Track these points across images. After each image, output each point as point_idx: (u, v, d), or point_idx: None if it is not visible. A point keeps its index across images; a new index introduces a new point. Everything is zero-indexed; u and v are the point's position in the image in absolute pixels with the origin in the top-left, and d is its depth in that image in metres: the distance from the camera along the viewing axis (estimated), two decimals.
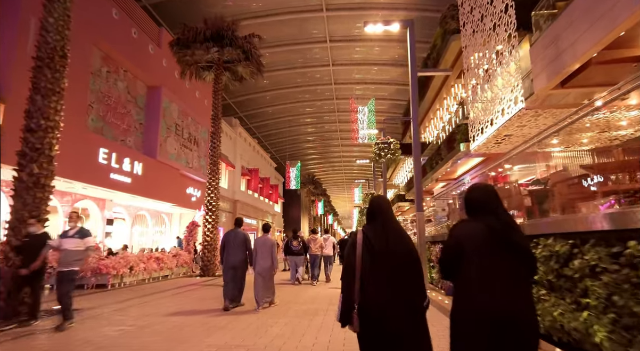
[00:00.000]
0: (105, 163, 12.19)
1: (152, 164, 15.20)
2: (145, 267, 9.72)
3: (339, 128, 40.98)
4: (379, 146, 8.70)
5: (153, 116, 15.64)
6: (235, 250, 6.67)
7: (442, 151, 16.66)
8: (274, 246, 6.86)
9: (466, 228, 2.03)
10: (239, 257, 6.69)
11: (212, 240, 12.17)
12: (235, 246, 6.69)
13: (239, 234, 6.84)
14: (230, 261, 6.65)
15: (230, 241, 6.75)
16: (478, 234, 1.94)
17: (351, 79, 30.24)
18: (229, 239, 6.78)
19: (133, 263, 9.17)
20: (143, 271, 9.72)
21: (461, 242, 1.97)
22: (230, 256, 6.67)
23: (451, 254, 2.02)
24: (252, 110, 33.64)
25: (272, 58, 26.35)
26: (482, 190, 2.16)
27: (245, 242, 6.82)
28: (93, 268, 8.19)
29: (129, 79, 14.57)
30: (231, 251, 6.68)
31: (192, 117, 19.02)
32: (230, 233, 6.90)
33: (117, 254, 9.75)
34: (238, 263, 6.68)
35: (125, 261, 8.95)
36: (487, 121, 11.70)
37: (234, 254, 6.66)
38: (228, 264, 6.65)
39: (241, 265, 6.73)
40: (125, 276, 9.11)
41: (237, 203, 28.19)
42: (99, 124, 12.76)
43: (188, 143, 18.54)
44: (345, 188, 71.34)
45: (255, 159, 34.66)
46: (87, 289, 8.42)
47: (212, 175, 12.39)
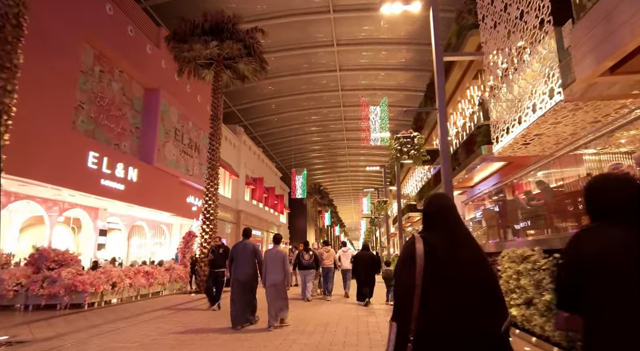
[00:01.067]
0: (96, 168, 11.22)
1: (148, 170, 14.23)
2: (131, 283, 8.59)
3: (346, 136, 40.05)
4: (401, 141, 7.53)
5: (150, 119, 14.75)
6: (244, 263, 6.15)
7: (460, 156, 15.48)
8: (285, 258, 6.25)
9: (600, 239, 1.49)
10: (249, 271, 6.18)
11: (206, 252, 11.07)
12: (245, 259, 6.17)
13: (247, 246, 6.30)
14: (239, 275, 6.13)
15: (239, 253, 6.22)
16: (619, 247, 1.43)
17: (358, 85, 29.37)
18: (237, 251, 6.25)
19: (116, 278, 8.05)
20: (129, 288, 8.59)
21: (593, 258, 1.46)
22: (239, 270, 6.14)
23: (576, 276, 1.52)
24: (256, 118, 32.83)
25: (277, 64, 25.60)
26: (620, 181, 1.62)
27: (255, 254, 6.28)
28: (67, 284, 7.09)
29: (125, 80, 13.72)
30: (240, 264, 6.15)
31: (193, 122, 18.13)
32: (238, 245, 6.35)
33: (99, 269, 8.66)
34: (248, 278, 6.16)
35: (107, 276, 7.82)
36: (513, 119, 10.61)
37: (243, 268, 6.14)
38: (237, 278, 6.13)
39: (251, 280, 6.22)
40: (106, 293, 7.98)
41: (241, 213, 27.12)
42: (90, 127, 11.84)
43: (188, 149, 17.60)
44: (352, 199, 70.05)
45: (260, 168, 33.71)
46: (61, 309, 7.26)
47: (210, 180, 11.36)
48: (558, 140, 10.68)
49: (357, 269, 9.09)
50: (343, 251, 10.58)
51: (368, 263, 9.01)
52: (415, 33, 22.61)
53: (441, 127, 8.04)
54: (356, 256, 9.64)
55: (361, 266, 8.97)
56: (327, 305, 9.13)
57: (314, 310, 8.14)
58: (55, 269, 7.34)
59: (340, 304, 9.15)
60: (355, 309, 8.19)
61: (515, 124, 10.59)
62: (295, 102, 31.46)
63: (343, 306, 8.55)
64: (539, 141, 11.08)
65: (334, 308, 8.18)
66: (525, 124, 9.90)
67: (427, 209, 1.91)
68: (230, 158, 25.95)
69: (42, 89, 9.43)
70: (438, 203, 1.87)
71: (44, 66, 9.60)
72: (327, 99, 31.65)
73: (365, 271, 8.84)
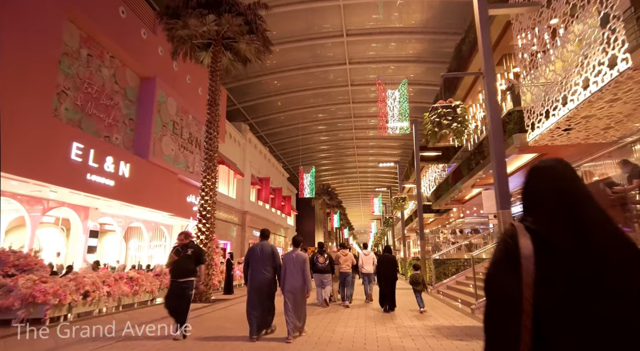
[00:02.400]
0: (80, 161, 10.02)
1: (143, 165, 13.03)
2: (110, 291, 7.31)
3: (355, 135, 38.71)
4: (439, 112, 6.14)
5: (145, 110, 13.57)
6: (261, 267, 5.68)
7: (485, 149, 14.03)
8: (306, 262, 5.82)
9: None
10: (267, 275, 5.69)
11: (207, 255, 9.75)
12: (263, 262, 5.70)
13: (265, 248, 5.81)
14: (256, 280, 5.65)
15: (256, 256, 5.74)
16: None
17: (368, 80, 28.04)
18: (255, 254, 5.77)
19: (89, 286, 6.74)
20: (106, 297, 7.29)
21: None
22: (256, 273, 5.68)
23: None
24: (262, 116, 31.66)
25: (283, 57, 24.44)
26: None
27: (274, 256, 5.82)
28: (23, 294, 5.81)
29: (117, 67, 12.57)
30: (257, 268, 5.69)
31: (193, 116, 16.94)
32: (255, 248, 5.86)
33: (68, 274, 7.39)
34: (266, 282, 5.67)
35: (78, 284, 6.52)
36: (555, 100, 9.20)
37: (261, 272, 5.66)
38: (254, 284, 5.66)
39: (270, 284, 5.74)
40: (76, 305, 6.60)
41: (246, 214, 25.88)
42: (75, 116, 10.68)
43: (188, 145, 16.41)
44: (360, 201, 68.52)
45: (266, 167, 32.49)
46: (17, 324, 5.80)
47: (207, 173, 10.08)
48: (609, 123, 9.19)
49: (381, 273, 8.52)
50: (364, 253, 10.07)
51: (392, 267, 8.57)
52: (429, 22, 21.30)
53: (488, 91, 6.66)
54: (380, 260, 8.84)
55: (386, 270, 8.45)
56: (349, 312, 7.89)
57: (335, 314, 6.84)
58: (14, 276, 6.12)
59: (362, 310, 8.00)
60: (381, 322, 6.89)
61: (557, 107, 9.15)
62: (302, 99, 30.23)
63: (368, 310, 7.23)
64: (585, 126, 9.59)
65: (357, 323, 6.83)
66: (571, 105, 8.47)
67: (534, 183, 1.20)
68: (234, 157, 24.77)
69: (18, 70, 8.29)
70: (553, 173, 1.16)
71: (20, 45, 8.47)
72: (335, 95, 30.36)
73: (390, 276, 8.37)
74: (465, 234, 14.26)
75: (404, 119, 12.42)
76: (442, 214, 32.45)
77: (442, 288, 11.21)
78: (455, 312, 7.70)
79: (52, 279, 6.34)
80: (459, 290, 10.33)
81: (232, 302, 10.10)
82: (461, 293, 9.89)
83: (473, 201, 24.10)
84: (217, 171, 10.57)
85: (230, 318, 7.52)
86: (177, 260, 5.70)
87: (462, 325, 6.30)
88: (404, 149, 40.18)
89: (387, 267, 8.52)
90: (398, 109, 12.42)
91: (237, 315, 7.74)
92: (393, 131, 12.61)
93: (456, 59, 16.66)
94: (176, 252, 5.82)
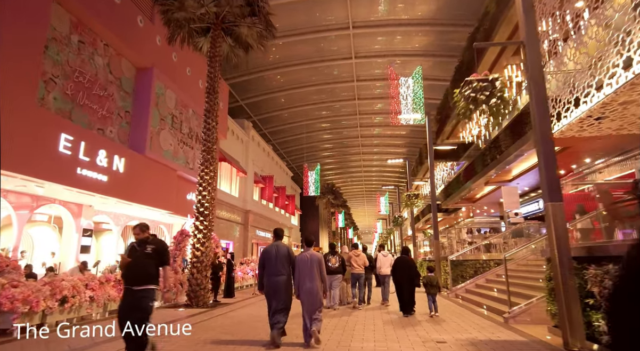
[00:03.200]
0: (69, 154, 9.30)
1: (139, 161, 12.31)
2: (94, 296, 6.55)
3: (360, 133, 37.90)
4: (474, 87, 5.26)
5: (142, 102, 12.86)
6: (277, 268, 5.42)
7: (502, 143, 13.19)
8: (321, 263, 5.55)
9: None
10: (284, 277, 5.45)
11: (205, 256, 8.98)
12: (278, 264, 5.44)
13: (281, 249, 5.56)
14: (273, 282, 5.39)
15: (272, 257, 5.47)
16: None
17: (374, 75, 27.25)
18: (270, 255, 5.50)
19: (67, 291, 5.95)
20: (88, 303, 6.52)
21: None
22: (272, 276, 5.41)
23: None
24: (265, 113, 30.93)
25: (286, 51, 23.71)
26: None
27: (290, 258, 5.57)
28: None
29: (111, 56, 11.85)
30: (273, 269, 5.42)
31: (193, 110, 16.21)
32: (270, 249, 5.59)
33: (44, 276, 6.61)
34: (283, 284, 5.41)
35: (54, 288, 5.73)
36: (588, 85, 8.39)
37: (277, 274, 5.40)
38: (270, 286, 5.41)
39: (286, 286, 5.47)
40: (51, 313, 5.78)
41: (249, 213, 25.14)
42: (65, 106, 9.96)
43: (188, 140, 15.68)
44: (365, 201, 67.62)
45: (269, 166, 31.75)
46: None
47: (205, 166, 9.33)
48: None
49: (397, 278, 8.08)
50: (383, 255, 9.89)
51: (410, 271, 8.01)
52: (438, 13, 20.47)
53: (531, 61, 5.85)
54: (397, 264, 8.31)
55: (403, 274, 7.97)
56: (364, 314, 7.11)
57: (345, 331, 6.08)
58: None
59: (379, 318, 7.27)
60: (404, 334, 6.11)
61: (590, 92, 8.30)
62: (305, 95, 29.47)
63: (384, 328, 6.45)
64: (621, 114, 8.71)
65: (375, 335, 6.07)
66: (608, 90, 7.63)
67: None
68: (237, 154, 24.04)
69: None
70: None
71: (2, 26, 7.75)
72: (340, 91, 29.58)
73: (408, 279, 7.90)
74: (483, 234, 13.40)
75: (418, 108, 11.56)
76: (450, 214, 31.55)
77: (461, 292, 10.38)
78: (485, 321, 6.86)
79: (25, 283, 5.58)
80: (481, 295, 9.52)
81: (233, 307, 9.33)
82: (485, 298, 9.04)
83: (484, 200, 23.22)
84: (216, 164, 9.82)
85: (232, 326, 6.75)
86: (131, 262, 4.33)
87: (500, 338, 5.47)
88: (409, 148, 39.32)
89: (404, 271, 8.00)
90: (412, 98, 11.56)
91: (240, 323, 6.97)
92: (406, 122, 11.76)
93: (469, 49, 15.83)
94: (130, 250, 4.44)
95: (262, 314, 7.69)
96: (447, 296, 10.97)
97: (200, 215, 9.17)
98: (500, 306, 7.66)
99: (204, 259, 8.93)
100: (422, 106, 11.71)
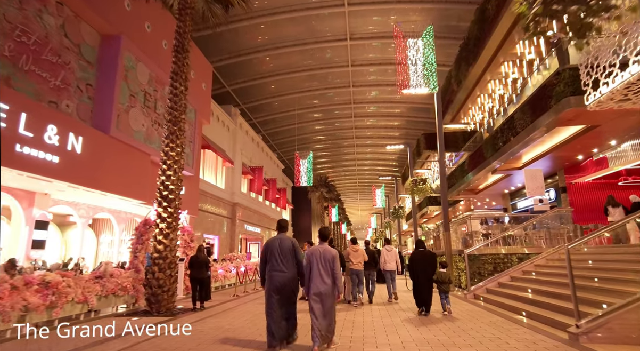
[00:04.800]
0: (3, 126, 7.55)
1: (102, 141, 10.57)
2: (11, 306, 4.87)
3: (355, 124, 36.34)
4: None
5: (108, 74, 11.09)
6: (281, 264, 4.81)
7: (517, 123, 11.67)
8: (335, 259, 4.82)
9: None
10: (288, 274, 4.81)
11: (169, 250, 7.24)
12: (283, 259, 4.83)
13: (285, 242, 4.96)
14: (276, 280, 4.77)
15: (275, 251, 4.88)
16: None
17: (370, 60, 25.63)
18: (273, 249, 4.91)
19: None
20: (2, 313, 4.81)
21: None
22: (276, 272, 4.80)
23: None
24: (255, 101, 29.15)
25: (275, 31, 21.97)
26: None
27: (295, 252, 4.95)
28: None
29: (68, 18, 10.06)
30: (276, 265, 4.81)
31: None
32: (273, 241, 5.00)
33: None
34: (287, 282, 4.79)
35: None
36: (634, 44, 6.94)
37: (281, 270, 4.79)
38: (273, 284, 4.77)
39: (291, 285, 4.86)
40: None
41: (236, 206, 23.44)
42: (2, 70, 8.18)
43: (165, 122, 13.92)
44: (358, 196, 66.16)
45: (259, 156, 30.03)
46: None
47: (170, 140, 7.58)
48: None
49: (416, 273, 7.48)
50: (387, 249, 9.50)
51: (432, 265, 7.39)
52: None
53: None
54: (416, 257, 7.66)
55: (424, 268, 7.36)
56: (371, 325, 5.59)
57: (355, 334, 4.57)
58: None
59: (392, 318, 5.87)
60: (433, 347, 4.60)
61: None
62: (297, 81, 27.76)
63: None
64: None
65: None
66: None
67: None
68: (223, 143, 22.31)
69: None
70: None
71: None
72: (334, 78, 27.92)
73: (424, 274, 7.34)
74: (503, 224, 11.90)
75: (429, 75, 9.96)
76: (449, 207, 30.25)
77: (481, 292, 8.82)
78: (538, 337, 5.11)
79: None
80: (509, 296, 7.85)
81: (203, 314, 7.62)
82: (515, 300, 7.34)
83: (487, 192, 21.82)
84: (184, 138, 8.05)
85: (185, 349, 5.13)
86: None
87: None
88: (405, 139, 37.86)
89: (423, 263, 7.41)
90: (422, 63, 9.95)
91: (200, 344, 5.37)
92: (416, 90, 10.16)
93: (478, 22, 14.29)
94: None
95: (237, 327, 6.11)
96: (464, 297, 9.35)
97: (163, 200, 7.46)
98: (547, 314, 5.93)
99: (167, 255, 7.23)
100: (434, 74, 10.10)
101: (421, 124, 33.71)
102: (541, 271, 8.16)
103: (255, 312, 7.77)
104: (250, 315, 7.34)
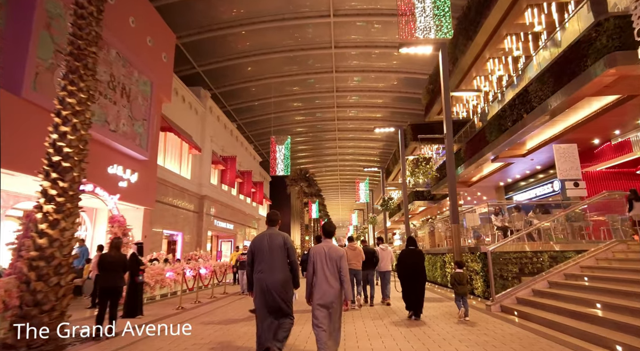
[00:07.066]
0: None
1: (11, 104, 8.04)
2: None
3: (337, 115, 34.26)
4: None
5: (21, 21, 8.55)
6: (272, 263, 4.06)
7: (539, 92, 9.57)
8: (343, 260, 4.03)
9: None
10: (280, 275, 4.04)
11: (57, 247, 4.68)
12: (273, 257, 4.08)
13: (275, 238, 4.19)
14: (266, 282, 4.01)
15: (264, 248, 4.13)
16: None
17: (355, 41, 23.56)
18: (262, 245, 4.15)
19: None
20: None
21: None
22: (266, 273, 4.03)
23: None
24: (229, 85, 26.65)
25: (252, 4, 19.61)
26: None
27: (287, 250, 4.17)
28: None
29: None
30: (266, 265, 4.05)
31: (120, 53, 11.92)
32: (262, 237, 4.21)
33: None
34: (280, 285, 4.02)
35: None
36: None
37: (272, 271, 4.03)
38: (260, 288, 4.00)
39: (284, 288, 4.05)
40: None
41: (205, 199, 20.92)
42: None
43: (109, 91, 11.39)
44: (339, 193, 64.24)
45: (232, 146, 27.54)
46: None
47: (69, 81, 5.04)
48: None
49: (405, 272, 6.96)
50: (381, 248, 9.21)
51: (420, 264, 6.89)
52: None
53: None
54: (404, 256, 6.99)
55: (414, 268, 6.84)
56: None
57: None
58: None
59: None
60: None
61: None
62: (275, 64, 25.42)
63: None
64: None
65: None
66: None
67: None
68: (190, 127, 19.75)
69: None
70: None
71: None
72: (315, 61, 25.73)
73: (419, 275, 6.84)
74: (525, 214, 9.95)
75: (441, 15, 7.82)
76: (435, 203, 28.50)
77: (510, 303, 6.70)
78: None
79: None
80: (558, 310, 5.67)
81: (107, 347, 5.11)
82: (573, 318, 5.20)
83: (480, 184, 20.10)
84: (92, 81, 5.47)
85: None
86: None
87: None
88: (386, 142, 36.11)
89: (414, 263, 6.88)
90: (431, 4, 7.86)
91: None
92: (424, 35, 8.05)
93: None
94: None
95: None
96: (487, 309, 7.24)
97: (52, 169, 4.96)
98: (630, 341, 3.92)
99: (55, 254, 4.73)
100: (448, 14, 7.90)
101: (407, 116, 32.02)
102: (593, 275, 6.22)
103: (203, 338, 5.46)
104: (194, 346, 4.94)
